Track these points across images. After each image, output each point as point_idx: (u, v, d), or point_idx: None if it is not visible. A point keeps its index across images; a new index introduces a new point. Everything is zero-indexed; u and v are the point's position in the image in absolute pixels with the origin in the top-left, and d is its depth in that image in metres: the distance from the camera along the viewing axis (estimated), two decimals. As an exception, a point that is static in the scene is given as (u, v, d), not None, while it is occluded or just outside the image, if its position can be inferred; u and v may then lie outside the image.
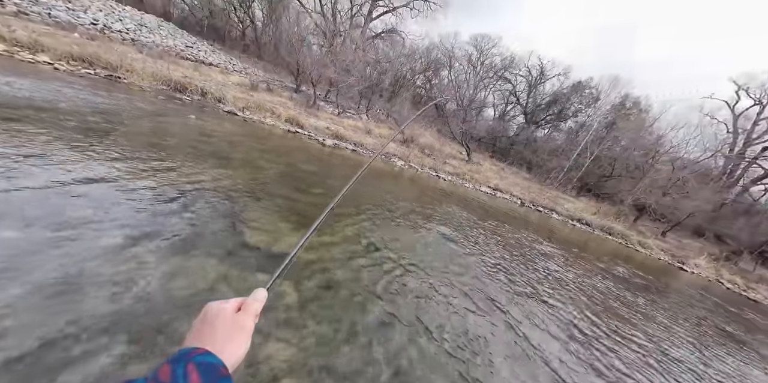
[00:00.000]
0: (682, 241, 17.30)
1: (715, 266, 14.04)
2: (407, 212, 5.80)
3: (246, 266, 2.66)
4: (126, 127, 4.98)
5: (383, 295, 3.03)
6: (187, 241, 2.73)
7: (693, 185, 15.95)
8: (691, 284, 10.49)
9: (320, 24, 25.55)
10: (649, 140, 20.69)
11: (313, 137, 9.87)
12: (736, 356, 4.91)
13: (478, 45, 32.42)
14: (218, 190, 3.89)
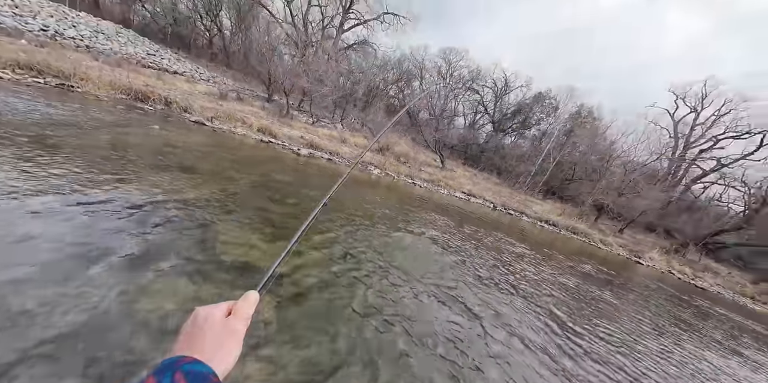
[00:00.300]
0: (636, 237, 18.80)
1: (667, 259, 15.36)
2: (386, 219, 5.85)
3: (219, 283, 2.56)
4: (81, 139, 4.65)
5: (365, 302, 3.02)
6: (152, 259, 2.58)
7: (643, 185, 17.53)
8: (647, 276, 11.38)
9: (291, 34, 25.56)
10: (603, 146, 22.56)
11: (287, 147, 9.73)
12: (692, 341, 5.37)
13: (446, 58, 33.95)
14: (186, 203, 3.72)
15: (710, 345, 5.61)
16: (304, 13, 27.80)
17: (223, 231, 3.39)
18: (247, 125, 9.84)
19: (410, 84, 34.05)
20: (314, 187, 6.56)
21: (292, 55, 24.20)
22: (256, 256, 3.15)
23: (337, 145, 12.70)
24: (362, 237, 4.61)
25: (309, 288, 2.95)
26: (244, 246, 3.26)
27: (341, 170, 9.83)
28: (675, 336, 5.35)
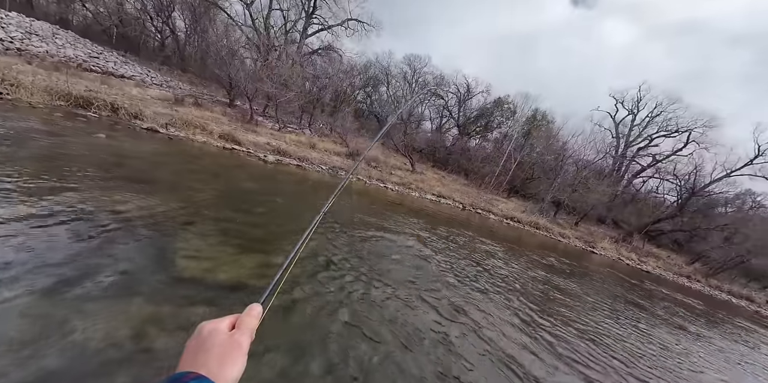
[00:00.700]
0: (590, 229, 20.49)
1: (616, 247, 16.91)
2: (363, 224, 5.82)
3: (181, 302, 2.38)
4: (11, 149, 4.11)
5: (351, 311, 2.96)
6: (103, 282, 2.34)
7: (593, 181, 19.20)
8: (601, 264, 12.42)
9: (253, 38, 24.78)
10: (557, 146, 24.43)
11: (253, 154, 9.35)
12: (643, 319, 5.93)
13: (411, 64, 34.87)
14: (141, 218, 3.43)
15: (656, 321, 6.24)
16: (266, 17, 27.12)
17: (184, 246, 3.17)
18: (207, 131, 9.32)
19: (377, 89, 34.48)
20: (284, 194, 6.37)
21: (254, 59, 23.45)
22: (222, 270, 2.98)
23: (305, 150, 12.45)
24: (342, 244, 4.54)
25: (295, 301, 2.84)
26: (209, 260, 3.07)
27: (310, 176, 9.64)
28: (629, 316, 5.87)
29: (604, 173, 24.81)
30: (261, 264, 3.31)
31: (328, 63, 29.35)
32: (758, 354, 6.58)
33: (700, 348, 5.51)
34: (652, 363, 4.15)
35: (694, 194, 21.56)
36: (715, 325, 8.14)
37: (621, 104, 31.13)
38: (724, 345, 6.26)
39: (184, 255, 3.02)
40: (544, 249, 10.91)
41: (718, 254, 18.61)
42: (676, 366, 4.32)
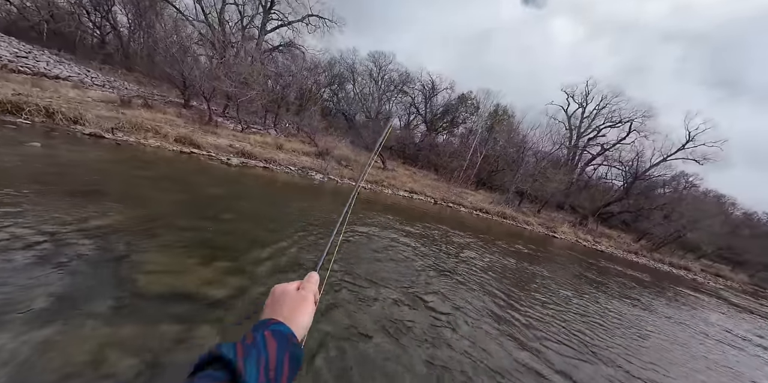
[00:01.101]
0: (551, 215, 22.01)
1: (574, 231, 18.35)
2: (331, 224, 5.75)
3: (144, 322, 2.22)
4: None
5: (331, 316, 2.94)
6: (53, 306, 2.12)
7: (551, 171, 20.60)
8: (562, 247, 13.42)
9: (206, 34, 23.27)
10: (518, 139, 25.84)
11: (215, 157, 8.85)
12: (600, 295, 6.52)
13: (376, 61, 34.80)
14: (92, 235, 3.13)
15: (611, 295, 6.90)
16: (219, 12, 25.57)
17: (146, 261, 2.95)
18: (161, 135, 8.65)
19: (343, 87, 34.05)
20: (253, 198, 6.12)
21: (210, 57, 22.10)
22: (190, 283, 2.82)
23: (272, 151, 12.02)
24: (320, 246, 4.47)
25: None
26: (173, 274, 2.89)
27: (279, 178, 9.35)
28: (588, 293, 6.43)
29: (560, 162, 26.70)
30: (233, 273, 3.18)
31: (291, 60, 28.45)
32: (696, 316, 7.53)
33: (648, 315, 6.18)
34: (609, 332, 4.59)
35: (637, 178, 23.93)
36: (660, 294, 9.18)
37: (572, 98, 33.54)
38: (668, 311, 7.09)
39: (145, 271, 2.81)
40: (511, 237, 11.55)
41: (659, 231, 20.88)
42: (627, 333, 4.83)
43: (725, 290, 16.30)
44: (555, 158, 25.80)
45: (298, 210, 6.17)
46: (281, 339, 0.46)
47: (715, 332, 6.54)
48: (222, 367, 0.38)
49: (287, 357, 0.44)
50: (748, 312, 10.75)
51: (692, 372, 4.10)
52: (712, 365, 4.58)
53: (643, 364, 3.86)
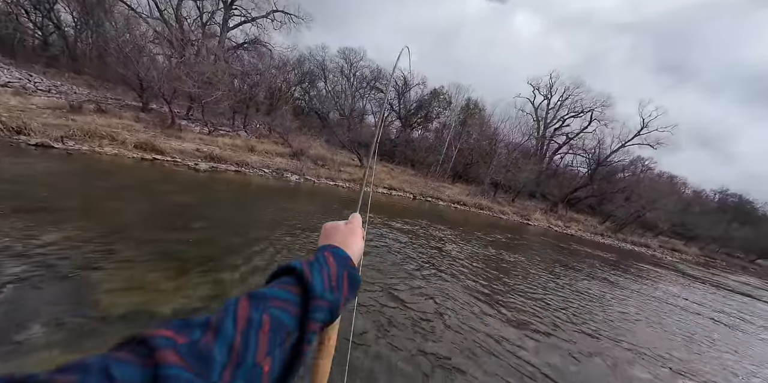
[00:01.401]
0: (524, 203, 23.00)
1: (546, 218, 19.31)
2: (312, 227, 5.67)
3: (109, 340, 2.09)
4: None
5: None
6: (3, 337, 1.94)
7: (522, 161, 21.47)
8: (536, 234, 14.09)
9: (163, 31, 21.83)
10: (489, 132, 26.64)
11: (181, 163, 8.40)
12: (572, 275, 6.93)
13: (347, 58, 34.33)
14: (47, 255, 2.88)
15: (581, 275, 7.36)
16: (175, 8, 24.04)
17: (107, 278, 2.76)
18: (118, 141, 8.06)
19: (315, 85, 33.34)
20: (225, 204, 5.89)
21: (168, 56, 20.81)
22: (161, 300, 2.68)
23: (243, 154, 11.59)
24: (300, 250, 4.38)
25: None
26: (142, 291, 2.73)
27: (254, 181, 9.05)
28: (561, 275, 6.81)
29: (530, 153, 27.86)
30: (205, 284, 3.06)
31: (257, 58, 27.43)
32: (655, 288, 8.21)
33: (613, 291, 6.66)
34: (581, 307, 4.90)
35: (599, 164, 25.50)
36: (625, 271, 9.90)
37: (537, 91, 34.96)
38: (632, 286, 7.67)
39: (109, 290, 2.64)
40: (488, 227, 11.95)
41: (621, 212, 22.44)
42: (595, 307, 5.18)
43: (680, 263, 17.87)
44: (525, 148, 26.87)
45: (273, 214, 6.01)
46: (339, 260, 0.50)
47: (673, 301, 7.17)
48: (291, 275, 0.42)
49: (346, 275, 0.48)
50: (700, 282, 11.88)
51: (650, 333, 4.49)
52: (668, 329, 5.03)
53: (614, 333, 4.17)
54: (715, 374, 3.87)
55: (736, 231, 29.14)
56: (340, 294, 0.45)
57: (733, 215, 33.63)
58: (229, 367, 0.28)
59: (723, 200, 40.74)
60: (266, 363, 0.31)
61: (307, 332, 0.37)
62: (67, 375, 0.21)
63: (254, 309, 0.34)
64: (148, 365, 0.24)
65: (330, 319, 0.42)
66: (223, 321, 0.31)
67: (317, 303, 0.39)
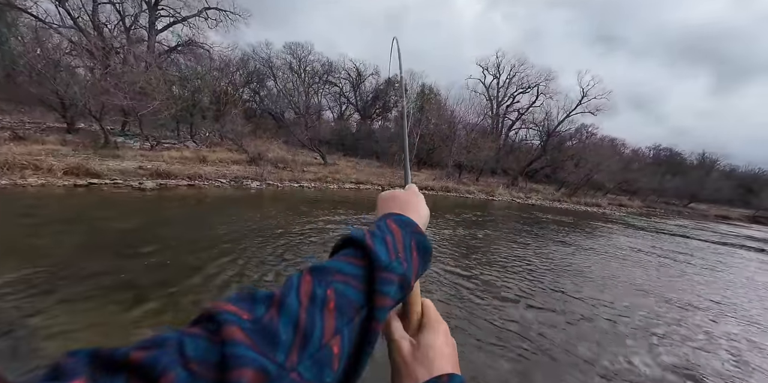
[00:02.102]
0: (488, 181, 24.16)
1: (509, 191, 20.49)
2: (279, 234, 5.58)
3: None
4: None
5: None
6: None
7: (481, 141, 22.37)
8: (501, 207, 14.95)
9: (80, 41, 19.42)
10: (447, 115, 27.28)
11: (123, 184, 7.76)
12: (538, 241, 7.50)
13: (294, 53, 32.99)
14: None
15: (546, 240, 8.01)
16: (91, 14, 21.38)
17: (47, 324, 2.57)
18: (44, 170, 7.24)
19: (264, 84, 31.81)
20: (179, 223, 5.59)
21: (90, 68, 18.68)
22: (114, 332, 2.55)
23: (195, 166, 10.93)
24: (270, 259, 4.30)
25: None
26: (87, 331, 2.57)
27: (210, 193, 8.62)
28: (529, 242, 7.35)
29: (487, 132, 29.06)
30: (165, 310, 2.95)
31: (195, 61, 25.54)
32: (610, 242, 9.14)
33: (575, 250, 7.34)
34: (548, 267, 5.37)
35: (549, 135, 27.27)
36: (582, 230, 10.89)
37: (486, 71, 36.17)
38: (591, 243, 8.48)
39: (50, 335, 2.46)
40: (457, 208, 12.47)
41: (573, 178, 24.35)
42: (562, 265, 5.70)
43: (627, 216, 19.95)
44: (482, 128, 27.95)
45: (235, 225, 5.82)
46: (404, 226, 0.44)
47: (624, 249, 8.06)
48: (352, 247, 0.38)
49: (414, 243, 0.42)
50: (643, 231, 13.40)
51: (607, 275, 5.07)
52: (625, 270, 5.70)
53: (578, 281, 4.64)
54: (657, 289, 4.49)
55: (669, 182, 32.90)
56: (410, 265, 0.40)
57: (666, 168, 37.87)
58: (295, 347, 0.26)
59: (657, 155, 45.57)
60: (335, 343, 0.29)
61: (376, 308, 0.34)
62: (144, 351, 0.22)
63: (317, 284, 0.31)
64: (216, 342, 0.24)
65: (401, 294, 0.39)
66: (286, 297, 0.29)
67: (384, 276, 0.36)
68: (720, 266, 8.21)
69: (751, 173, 49.15)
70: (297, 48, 33.38)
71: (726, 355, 3.55)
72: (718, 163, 44.30)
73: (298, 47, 33.39)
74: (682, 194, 34.54)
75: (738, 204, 39.76)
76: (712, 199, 36.43)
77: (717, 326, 4.31)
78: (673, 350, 3.48)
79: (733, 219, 31.35)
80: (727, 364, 3.36)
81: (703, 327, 4.21)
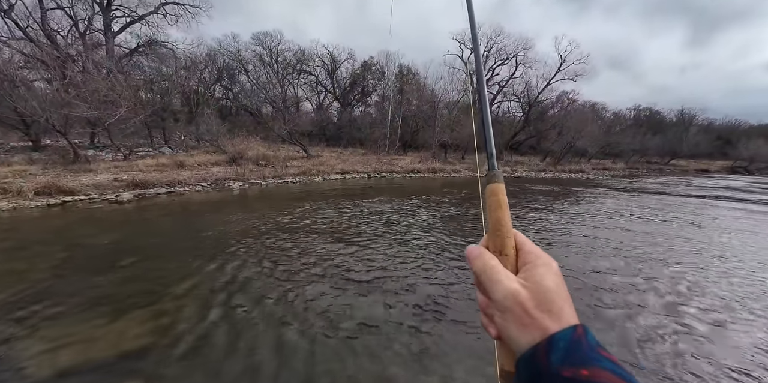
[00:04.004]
0: (473, 158, 24.31)
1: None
2: (265, 232, 5.62)
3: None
4: None
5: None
6: None
7: (463, 118, 22.30)
8: (488, 185, 15.15)
9: (32, 52, 18.21)
10: (428, 95, 26.94)
11: (99, 199, 7.63)
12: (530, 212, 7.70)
13: (263, 43, 31.62)
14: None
15: (536, 210, 8.24)
16: (41, 22, 19.92)
17: (28, 345, 2.62)
18: (13, 192, 7.05)
19: (236, 80, 30.67)
20: (159, 232, 5.58)
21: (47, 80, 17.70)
22: (98, 347, 2.62)
23: (173, 172, 10.74)
24: (263, 261, 4.37)
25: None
26: (74, 345, 2.64)
27: (194, 199, 8.54)
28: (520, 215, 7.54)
29: (469, 107, 28.89)
30: (150, 319, 3.02)
31: (159, 62, 24.39)
32: (596, 205, 9.45)
33: (565, 216, 7.58)
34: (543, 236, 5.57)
35: (531, 106, 27.29)
36: (569, 196, 11.19)
37: (463, 45, 35.35)
38: (579, 207, 8.75)
39: (36, 353, 2.52)
40: (446, 188, 12.63)
41: (556, 146, 24.67)
42: (552, 230, 5.91)
43: (610, 179, 20.46)
44: (464, 105, 27.74)
45: (218, 228, 5.83)
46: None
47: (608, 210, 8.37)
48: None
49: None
50: (625, 191, 13.82)
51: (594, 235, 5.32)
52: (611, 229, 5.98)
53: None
54: (632, 242, 4.76)
55: (650, 141, 33.57)
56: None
57: (647, 128, 38.48)
58: None
59: (637, 116, 46.17)
60: None
61: None
62: None
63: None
64: None
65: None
66: None
67: None
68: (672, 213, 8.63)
69: (728, 125, 50.34)
70: (266, 38, 31.99)
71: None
72: (697, 118, 45.18)
73: (267, 37, 32.00)
74: (664, 153, 35.39)
75: (717, 157, 41.01)
76: (692, 154, 37.46)
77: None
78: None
79: (713, 172, 32.42)
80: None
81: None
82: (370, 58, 33.90)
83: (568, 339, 0.30)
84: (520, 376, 0.32)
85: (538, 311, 0.32)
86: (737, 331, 3.22)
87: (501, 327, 0.35)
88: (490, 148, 0.46)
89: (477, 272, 0.38)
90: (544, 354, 0.29)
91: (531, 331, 0.32)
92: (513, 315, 0.33)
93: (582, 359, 0.28)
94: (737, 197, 14.05)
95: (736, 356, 2.83)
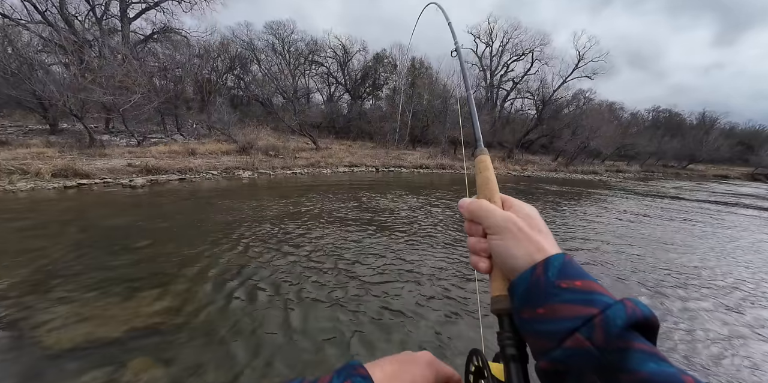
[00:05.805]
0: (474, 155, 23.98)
1: (504, 164, 20.43)
2: (269, 219, 5.67)
3: (62, 379, 2.14)
4: None
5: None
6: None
7: (473, 115, 21.88)
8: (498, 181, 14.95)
9: (51, 37, 18.49)
10: (440, 89, 26.53)
11: (113, 183, 7.79)
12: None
13: (276, 33, 31.47)
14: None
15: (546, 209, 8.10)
16: (59, 6, 20.17)
17: (46, 318, 2.71)
18: (31, 173, 7.25)
19: (248, 69, 30.68)
20: (171, 217, 5.67)
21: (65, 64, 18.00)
22: (110, 326, 2.68)
23: (184, 160, 10.89)
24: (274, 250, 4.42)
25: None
26: (88, 322, 2.71)
27: (204, 186, 8.66)
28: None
29: (481, 103, 28.38)
30: (161, 298, 3.09)
31: (173, 49, 24.52)
32: (606, 207, 9.26)
33: (575, 216, 7.46)
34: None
35: (545, 104, 26.63)
36: (581, 198, 10.98)
37: (478, 39, 34.62)
38: (587, 209, 8.59)
39: (51, 328, 2.61)
40: (453, 185, 12.52)
41: (570, 146, 24.11)
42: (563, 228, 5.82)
43: (624, 181, 19.99)
44: (476, 99, 27.28)
45: (227, 216, 5.90)
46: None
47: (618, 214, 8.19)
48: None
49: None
50: (636, 194, 13.49)
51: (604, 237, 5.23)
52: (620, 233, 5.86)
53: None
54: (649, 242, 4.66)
55: (667, 144, 32.58)
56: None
57: (665, 130, 37.34)
58: None
59: (656, 117, 44.80)
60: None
61: None
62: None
63: None
64: None
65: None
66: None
67: None
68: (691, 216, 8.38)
69: (751, 130, 48.49)
70: (279, 27, 31.81)
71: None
72: (718, 122, 43.64)
73: (280, 26, 31.81)
74: (681, 156, 34.35)
75: (738, 163, 39.65)
76: (711, 159, 36.28)
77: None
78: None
79: (732, 178, 31.40)
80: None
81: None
82: (382, 51, 33.49)
83: (561, 260, 0.34)
84: (516, 291, 0.36)
85: (530, 229, 0.38)
86: None
87: (499, 250, 0.39)
88: (478, 133, 0.54)
89: (472, 211, 0.43)
90: (542, 272, 0.34)
91: (527, 245, 0.36)
92: (510, 232, 0.38)
93: (575, 274, 0.33)
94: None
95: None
